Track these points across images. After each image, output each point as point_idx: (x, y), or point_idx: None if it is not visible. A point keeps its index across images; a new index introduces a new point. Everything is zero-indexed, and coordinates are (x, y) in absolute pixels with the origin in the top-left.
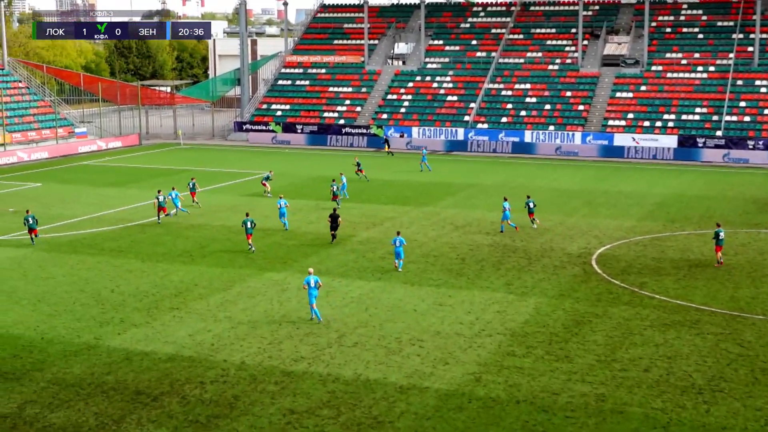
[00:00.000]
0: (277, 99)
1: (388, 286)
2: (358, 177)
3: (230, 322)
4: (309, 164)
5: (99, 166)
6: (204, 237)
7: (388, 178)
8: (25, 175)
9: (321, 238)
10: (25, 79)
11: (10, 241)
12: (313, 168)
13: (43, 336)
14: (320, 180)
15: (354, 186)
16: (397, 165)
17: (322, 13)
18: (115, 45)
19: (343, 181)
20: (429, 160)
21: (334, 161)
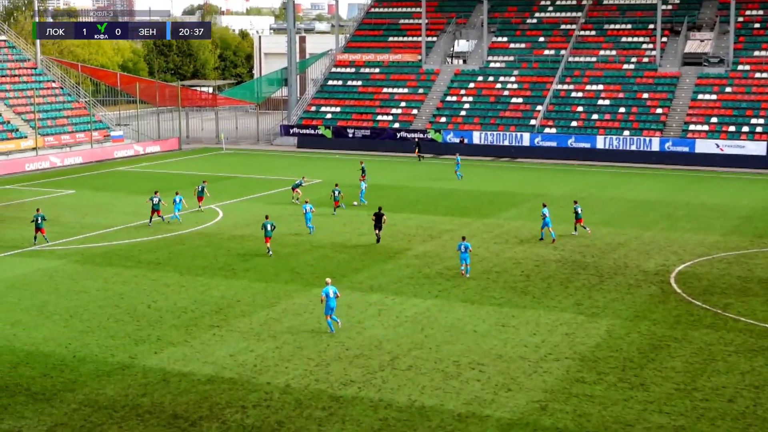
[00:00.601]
0: (327, 101)
1: (446, 304)
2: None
3: (274, 341)
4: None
5: (136, 172)
6: (247, 249)
7: (446, 187)
8: (57, 182)
9: (373, 251)
10: (59, 79)
11: (41, 252)
12: (370, 176)
13: (75, 354)
14: (373, 189)
15: (410, 195)
16: (454, 173)
17: (376, 7)
18: (154, 43)
19: (362, 188)
20: (490, 167)
21: (387, 168)
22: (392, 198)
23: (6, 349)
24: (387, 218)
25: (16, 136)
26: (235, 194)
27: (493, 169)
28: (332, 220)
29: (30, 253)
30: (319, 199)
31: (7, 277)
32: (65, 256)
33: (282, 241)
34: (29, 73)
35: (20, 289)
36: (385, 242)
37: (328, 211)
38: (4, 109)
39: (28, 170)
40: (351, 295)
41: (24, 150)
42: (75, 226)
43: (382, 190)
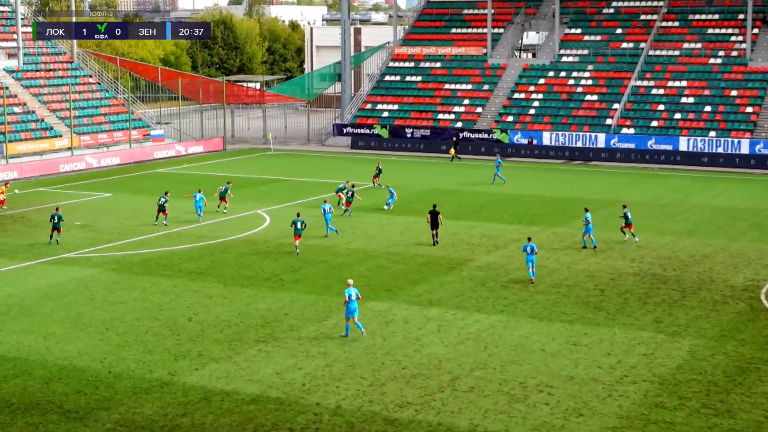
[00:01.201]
0: (384, 98)
1: (512, 320)
2: (373, 185)
3: (325, 359)
4: (420, 175)
5: (177, 174)
6: (296, 258)
7: (513, 192)
8: (93, 184)
9: (432, 261)
10: (96, 74)
11: (77, 259)
12: (424, 179)
13: (111, 369)
14: (433, 194)
15: (473, 201)
16: (523, 176)
17: None
18: None
19: (392, 193)
20: (561, 171)
21: (448, 171)
22: (453, 204)
23: (38, 363)
24: (449, 226)
25: (51, 134)
26: (283, 199)
27: (565, 173)
28: (389, 227)
29: (64, 261)
30: (373, 203)
31: (41, 286)
32: (101, 264)
33: (334, 250)
34: (65, 67)
35: (54, 299)
36: (445, 252)
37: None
38: (38, 106)
39: (63, 171)
40: (408, 310)
41: (59, 150)
42: (112, 232)
43: (443, 195)
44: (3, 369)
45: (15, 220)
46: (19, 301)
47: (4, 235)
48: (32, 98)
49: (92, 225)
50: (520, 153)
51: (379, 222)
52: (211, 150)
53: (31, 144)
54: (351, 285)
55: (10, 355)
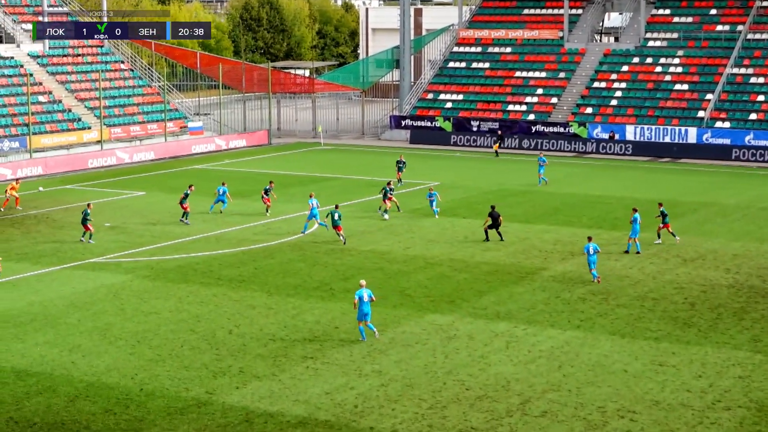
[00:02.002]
0: (447, 87)
1: (589, 336)
2: (399, 182)
3: (380, 377)
4: (487, 173)
5: (217, 171)
6: (348, 265)
7: (592, 193)
8: (125, 181)
9: (500, 269)
10: (129, 60)
11: (106, 265)
12: (492, 178)
13: (143, 387)
14: (502, 194)
15: (547, 203)
16: (604, 175)
17: None
18: (241, 16)
19: (435, 196)
20: (646, 169)
21: (519, 169)
22: (525, 206)
23: (63, 379)
24: (519, 231)
25: (79, 126)
26: (334, 198)
27: (651, 171)
28: (451, 231)
29: (92, 266)
30: (452, 204)
31: (66, 294)
32: (133, 271)
33: (390, 256)
34: (94, 52)
35: (81, 308)
36: (515, 259)
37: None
38: (66, 95)
39: (92, 167)
40: (473, 324)
41: (87, 143)
42: (144, 235)
43: (513, 195)
44: (25, 385)
45: (39, 220)
46: (42, 310)
47: (27, 237)
48: (59, 86)
49: (123, 227)
50: (600, 149)
51: (439, 225)
52: (254, 144)
53: (57, 137)
54: (364, 286)
55: (33, 369)
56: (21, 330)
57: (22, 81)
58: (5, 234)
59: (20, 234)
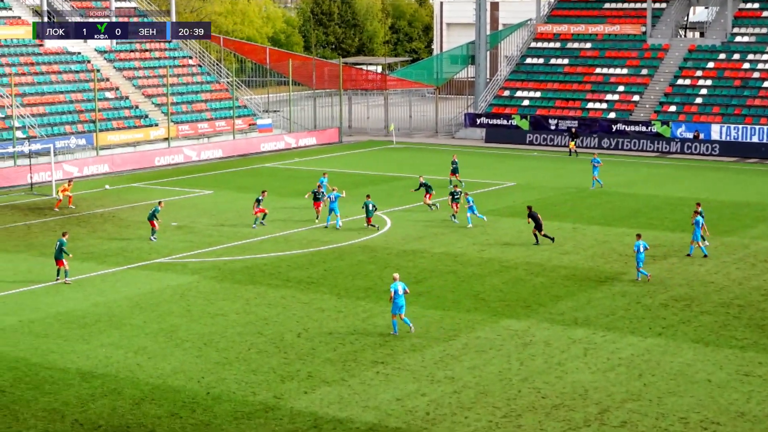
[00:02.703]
0: (524, 83)
1: (671, 344)
2: (450, 182)
3: (452, 384)
4: (564, 173)
5: (287, 170)
6: (420, 268)
7: (674, 195)
8: (193, 180)
9: (579, 274)
10: (197, 55)
11: (172, 265)
12: (569, 179)
13: (209, 391)
14: (580, 195)
15: (627, 205)
16: (688, 177)
17: None
18: (311, 11)
19: (469, 203)
20: (733, 170)
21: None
22: (604, 207)
23: (128, 382)
24: (598, 234)
25: (145, 123)
26: (406, 199)
27: (737, 173)
28: (527, 233)
29: (158, 267)
30: (510, 207)
31: (132, 295)
32: (199, 271)
33: (464, 259)
34: (162, 47)
35: (146, 309)
36: (594, 263)
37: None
38: (132, 91)
39: (158, 165)
40: (550, 330)
41: (154, 141)
42: (212, 235)
43: (593, 197)
44: (90, 387)
45: (105, 219)
46: (107, 311)
47: (93, 236)
48: (126, 82)
49: (190, 226)
50: (684, 149)
51: (515, 227)
52: (324, 142)
53: (124, 134)
54: (397, 279)
55: (98, 371)
56: (86, 331)
57: (89, 77)
58: (71, 233)
59: (86, 233)
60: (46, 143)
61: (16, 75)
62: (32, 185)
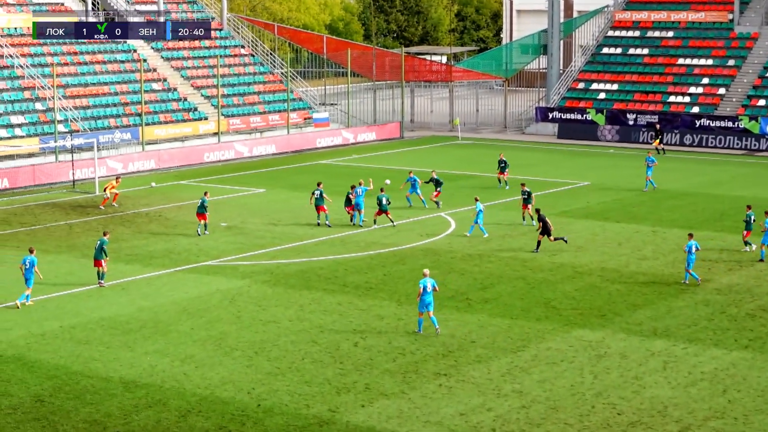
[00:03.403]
0: (600, 75)
1: (759, 358)
2: (499, 183)
3: (520, 398)
4: (643, 172)
5: (345, 167)
6: (487, 273)
7: (763, 196)
8: (244, 177)
9: (658, 281)
10: (250, 44)
11: (222, 268)
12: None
13: (260, 403)
14: (662, 196)
15: (712, 207)
16: None
17: None
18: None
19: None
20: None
21: (679, 168)
22: (686, 210)
23: (174, 392)
24: (679, 239)
25: (194, 117)
26: (471, 199)
27: None
28: (602, 237)
29: (207, 270)
30: (599, 210)
31: (179, 299)
32: (251, 275)
33: (534, 264)
34: (212, 35)
35: (194, 315)
36: (675, 269)
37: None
38: (181, 82)
39: (208, 161)
40: (626, 341)
41: (203, 135)
42: (264, 236)
43: (674, 198)
44: (134, 397)
45: (151, 218)
46: (153, 317)
47: (138, 237)
48: (174, 73)
49: (241, 227)
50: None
51: (590, 230)
52: (385, 138)
53: (172, 128)
54: (427, 275)
55: (142, 380)
56: (130, 338)
57: (135, 67)
58: (115, 233)
59: (131, 233)
60: (89, 138)
61: (58, 65)
62: (74, 182)
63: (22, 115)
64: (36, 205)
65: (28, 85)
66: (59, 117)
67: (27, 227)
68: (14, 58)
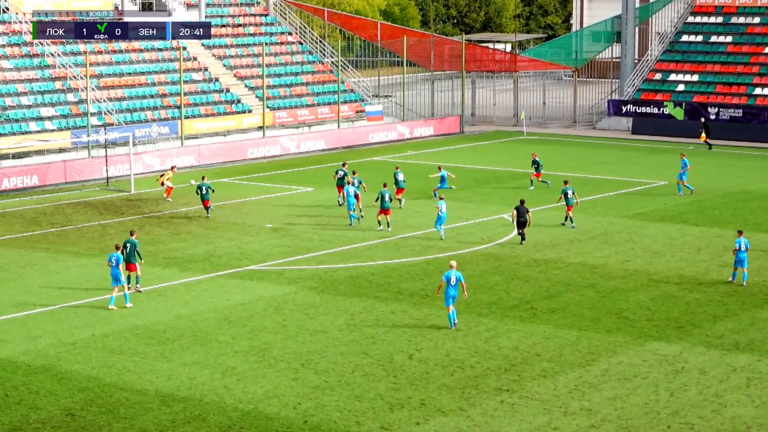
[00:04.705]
0: (679, 65)
1: None
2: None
3: (589, 416)
4: (725, 171)
5: (398, 164)
6: (553, 280)
7: None
8: (291, 174)
9: (741, 290)
10: (298, 31)
11: (266, 273)
12: (731, 177)
13: (307, 419)
14: (743, 197)
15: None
16: None
17: None
18: None
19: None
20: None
21: (764, 166)
22: (764, 213)
23: (214, 406)
24: (763, 243)
25: (237, 109)
26: (538, 199)
27: None
28: (680, 241)
29: (250, 275)
30: (676, 212)
31: (220, 306)
32: (297, 281)
33: (605, 270)
34: (258, 21)
35: (236, 323)
36: (760, 278)
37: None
38: (223, 72)
39: (251, 158)
40: (705, 355)
41: (247, 130)
42: (312, 239)
43: (760, 199)
44: (171, 412)
45: (190, 219)
46: (192, 325)
47: (177, 239)
48: (216, 62)
49: (287, 228)
50: None
51: (666, 234)
52: (443, 133)
53: (213, 121)
54: (454, 267)
55: (180, 393)
56: (167, 347)
57: (174, 56)
58: (152, 234)
59: (168, 235)
60: (124, 132)
61: (91, 53)
62: (108, 179)
63: (53, 107)
64: (67, 204)
65: (60, 75)
66: (92, 109)
67: (57, 228)
68: (45, 46)
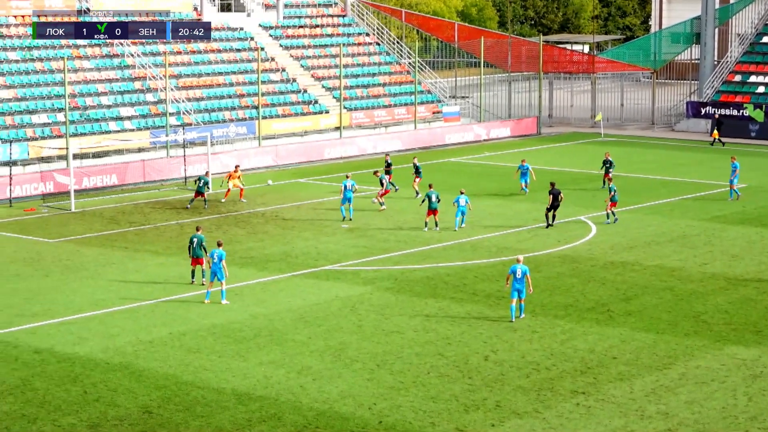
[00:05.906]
0: (760, 67)
1: None
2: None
3: (666, 420)
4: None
5: (476, 165)
6: (630, 283)
7: None
8: (367, 175)
9: None
10: (375, 32)
11: (342, 273)
12: None
13: (382, 419)
14: None
15: None
16: None
17: None
18: None
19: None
20: None
21: None
22: None
23: (290, 406)
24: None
25: (315, 110)
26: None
27: None
28: (760, 244)
29: (326, 275)
30: (756, 215)
31: (295, 306)
32: (373, 281)
33: (683, 273)
34: (335, 22)
35: (311, 323)
36: None
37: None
38: (300, 73)
39: (328, 158)
40: None
41: (324, 130)
42: (388, 240)
43: None
44: (247, 410)
45: (267, 219)
46: (268, 325)
47: (254, 239)
48: (293, 62)
49: (363, 229)
50: None
51: (746, 237)
52: (520, 134)
53: (291, 122)
54: (521, 261)
55: (256, 393)
56: (243, 347)
57: (252, 56)
58: (229, 234)
59: (245, 234)
60: (202, 131)
61: (170, 54)
62: (186, 179)
63: (132, 107)
64: (146, 203)
65: (139, 76)
66: (171, 109)
67: (136, 227)
68: (125, 47)
